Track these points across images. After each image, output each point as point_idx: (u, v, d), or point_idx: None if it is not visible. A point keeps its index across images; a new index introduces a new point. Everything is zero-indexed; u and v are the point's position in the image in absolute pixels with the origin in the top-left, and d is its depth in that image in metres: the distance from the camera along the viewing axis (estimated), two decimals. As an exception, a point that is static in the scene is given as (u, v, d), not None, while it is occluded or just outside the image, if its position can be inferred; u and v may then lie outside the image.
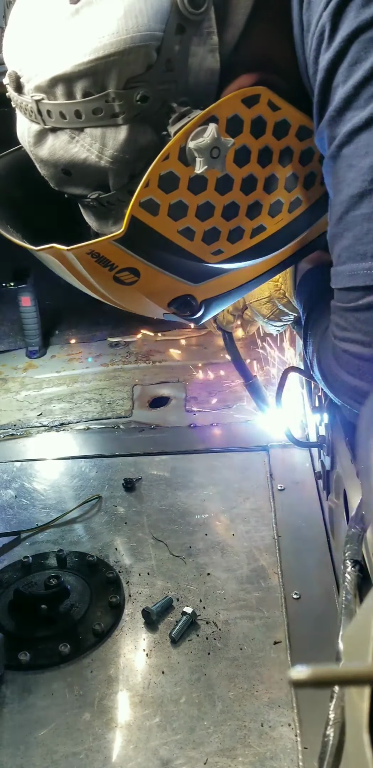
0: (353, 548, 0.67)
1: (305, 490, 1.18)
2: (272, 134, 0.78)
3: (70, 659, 0.89)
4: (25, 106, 0.74)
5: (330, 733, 0.54)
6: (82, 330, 1.78)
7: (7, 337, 1.77)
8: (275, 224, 0.85)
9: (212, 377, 1.56)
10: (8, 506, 1.20)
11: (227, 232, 0.81)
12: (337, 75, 0.66)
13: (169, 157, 0.72)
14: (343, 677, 0.29)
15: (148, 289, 0.83)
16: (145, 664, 0.88)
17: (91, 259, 0.77)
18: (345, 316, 0.70)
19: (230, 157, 0.75)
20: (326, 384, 0.79)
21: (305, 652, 0.88)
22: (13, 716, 0.83)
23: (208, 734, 0.79)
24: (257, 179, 0.80)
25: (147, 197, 0.73)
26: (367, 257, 0.66)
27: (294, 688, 0.81)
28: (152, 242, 0.77)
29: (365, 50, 0.63)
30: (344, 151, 0.66)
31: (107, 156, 0.74)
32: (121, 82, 0.70)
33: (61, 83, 0.71)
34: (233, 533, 1.10)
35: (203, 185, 0.76)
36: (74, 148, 0.74)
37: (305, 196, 0.85)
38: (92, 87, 0.70)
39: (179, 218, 0.77)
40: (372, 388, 0.70)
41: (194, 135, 0.71)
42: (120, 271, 0.79)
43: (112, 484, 1.24)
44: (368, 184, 0.64)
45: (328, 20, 0.65)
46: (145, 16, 0.69)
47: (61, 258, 0.80)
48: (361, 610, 0.61)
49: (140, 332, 1.77)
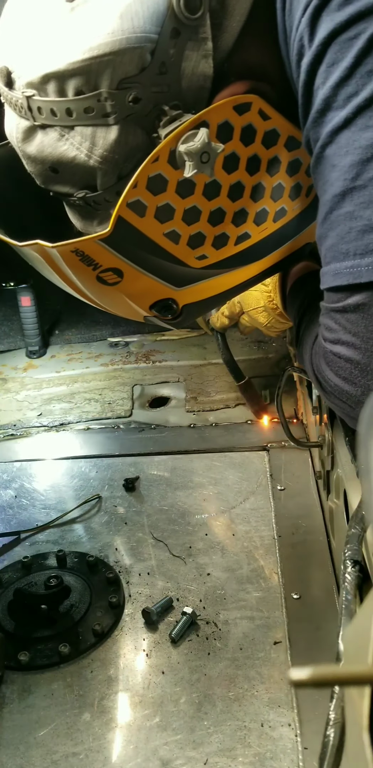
0: (353, 548, 0.67)
1: (305, 490, 1.18)
2: (261, 143, 0.78)
3: (70, 659, 0.89)
4: (15, 102, 0.74)
5: (330, 733, 0.54)
6: (82, 330, 1.78)
7: (7, 337, 1.77)
8: (259, 233, 0.86)
9: (213, 377, 1.56)
10: (8, 506, 1.20)
11: (212, 237, 0.82)
12: (317, 77, 0.67)
13: (159, 159, 0.72)
14: (343, 677, 0.29)
15: (131, 290, 0.84)
16: (145, 665, 0.88)
17: (76, 257, 0.78)
18: (335, 318, 0.70)
19: (218, 163, 0.76)
20: (320, 389, 0.79)
21: (305, 652, 0.88)
22: (13, 716, 0.83)
23: (208, 734, 0.79)
24: (244, 187, 0.80)
25: (135, 198, 0.74)
26: (349, 255, 0.66)
27: (294, 688, 0.81)
28: (137, 243, 0.78)
29: (341, 51, 0.64)
30: (327, 151, 0.67)
31: (97, 155, 0.74)
32: (114, 83, 0.70)
33: (53, 80, 0.71)
34: (233, 533, 1.10)
35: (191, 189, 0.77)
36: (63, 146, 0.74)
37: (290, 207, 0.86)
38: (85, 86, 0.71)
39: (166, 221, 0.78)
40: (364, 394, 0.69)
41: (185, 139, 0.71)
42: (103, 271, 0.80)
43: (112, 484, 1.24)
44: (349, 183, 0.65)
45: (306, 25, 0.66)
46: (141, 18, 0.69)
47: (44, 255, 0.80)
48: (361, 610, 0.61)
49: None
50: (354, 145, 0.64)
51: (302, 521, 1.10)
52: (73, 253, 0.77)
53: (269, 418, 1.38)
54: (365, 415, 0.35)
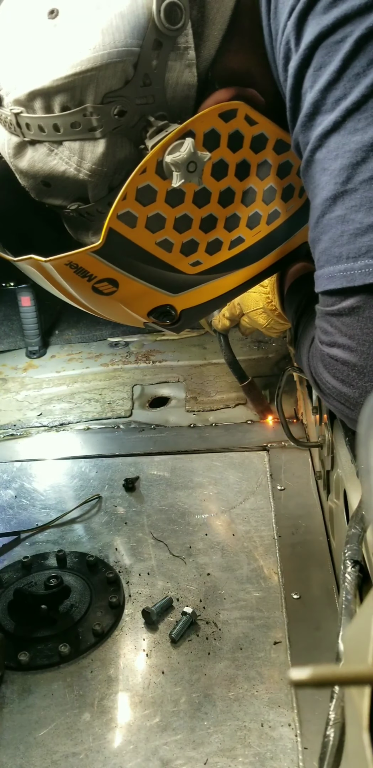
0: (353, 548, 0.67)
1: (305, 490, 1.18)
2: (249, 148, 0.78)
3: (70, 659, 0.89)
4: (5, 119, 0.75)
5: (330, 733, 0.54)
6: (82, 330, 1.79)
7: (7, 337, 1.77)
8: (253, 236, 0.86)
9: (213, 377, 1.56)
10: (8, 506, 1.20)
11: (205, 243, 0.82)
12: (305, 81, 0.66)
13: (147, 170, 0.72)
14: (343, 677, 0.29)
15: (127, 299, 0.84)
16: (145, 665, 0.88)
17: (70, 269, 0.78)
18: (330, 321, 0.70)
19: (207, 171, 0.76)
20: (318, 390, 0.79)
21: (305, 652, 0.88)
22: (13, 716, 0.83)
23: (208, 734, 0.79)
24: (234, 192, 0.80)
25: (125, 210, 0.74)
26: (342, 259, 0.66)
27: (294, 688, 0.81)
28: (130, 254, 0.78)
29: (328, 55, 0.64)
30: (317, 155, 0.67)
31: (85, 169, 0.74)
32: (99, 97, 0.71)
33: (39, 97, 0.71)
34: (233, 533, 1.10)
35: (181, 198, 0.77)
36: (53, 161, 0.75)
37: (283, 208, 0.86)
38: (70, 101, 0.71)
39: (157, 230, 0.78)
40: (361, 396, 0.69)
41: (171, 149, 0.71)
42: (99, 282, 0.80)
43: (112, 484, 1.24)
44: (340, 186, 0.65)
45: (292, 29, 0.66)
46: (122, 32, 0.69)
47: (39, 268, 0.81)
48: (361, 610, 0.61)
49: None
50: (344, 149, 0.64)
51: (302, 521, 1.10)
52: (67, 265, 0.77)
53: (273, 418, 1.39)
54: (365, 416, 0.35)
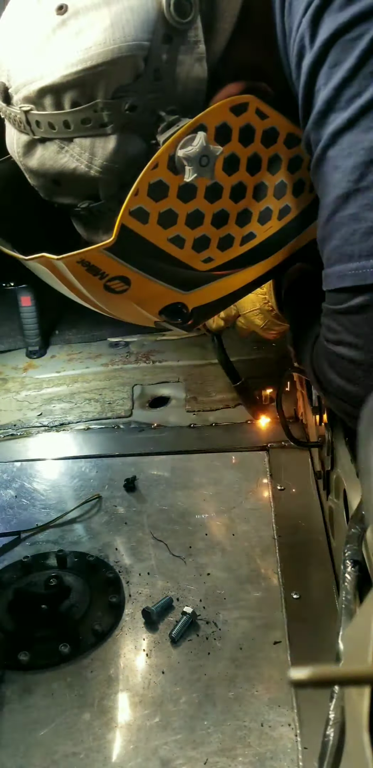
0: (353, 548, 0.67)
1: (305, 490, 1.18)
2: (260, 142, 0.78)
3: (70, 659, 0.89)
4: (14, 117, 0.75)
5: (330, 733, 0.54)
6: (82, 330, 1.78)
7: (7, 337, 1.77)
8: (264, 231, 0.85)
9: (213, 377, 1.56)
10: (8, 506, 1.20)
11: (217, 239, 0.82)
12: (318, 78, 0.66)
13: (158, 165, 0.72)
14: (343, 677, 0.29)
15: (139, 297, 0.84)
16: (145, 664, 0.88)
17: (82, 268, 0.78)
18: (337, 319, 0.70)
19: (219, 165, 0.76)
20: (321, 389, 0.79)
21: (305, 652, 0.88)
22: (13, 716, 0.83)
23: (208, 734, 0.79)
24: (246, 187, 0.80)
25: (137, 206, 0.74)
26: (354, 257, 0.66)
27: (294, 688, 0.81)
28: (142, 250, 0.78)
29: (343, 52, 0.64)
30: (329, 153, 0.67)
31: (97, 166, 0.74)
32: (109, 92, 0.70)
33: (49, 94, 0.71)
34: (233, 533, 1.10)
35: (193, 193, 0.76)
36: (63, 158, 0.75)
37: (294, 204, 0.86)
38: (80, 97, 0.71)
39: (169, 226, 0.78)
40: (367, 394, 0.69)
41: (183, 143, 0.71)
42: (111, 280, 0.80)
43: (112, 484, 1.24)
44: (352, 185, 0.64)
45: (307, 25, 0.66)
46: (132, 26, 0.69)
47: (51, 267, 0.80)
48: (361, 610, 0.61)
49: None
50: (357, 147, 0.64)
51: (302, 521, 1.10)
52: (79, 263, 0.77)
53: (266, 417, 1.38)
54: (365, 415, 0.35)
